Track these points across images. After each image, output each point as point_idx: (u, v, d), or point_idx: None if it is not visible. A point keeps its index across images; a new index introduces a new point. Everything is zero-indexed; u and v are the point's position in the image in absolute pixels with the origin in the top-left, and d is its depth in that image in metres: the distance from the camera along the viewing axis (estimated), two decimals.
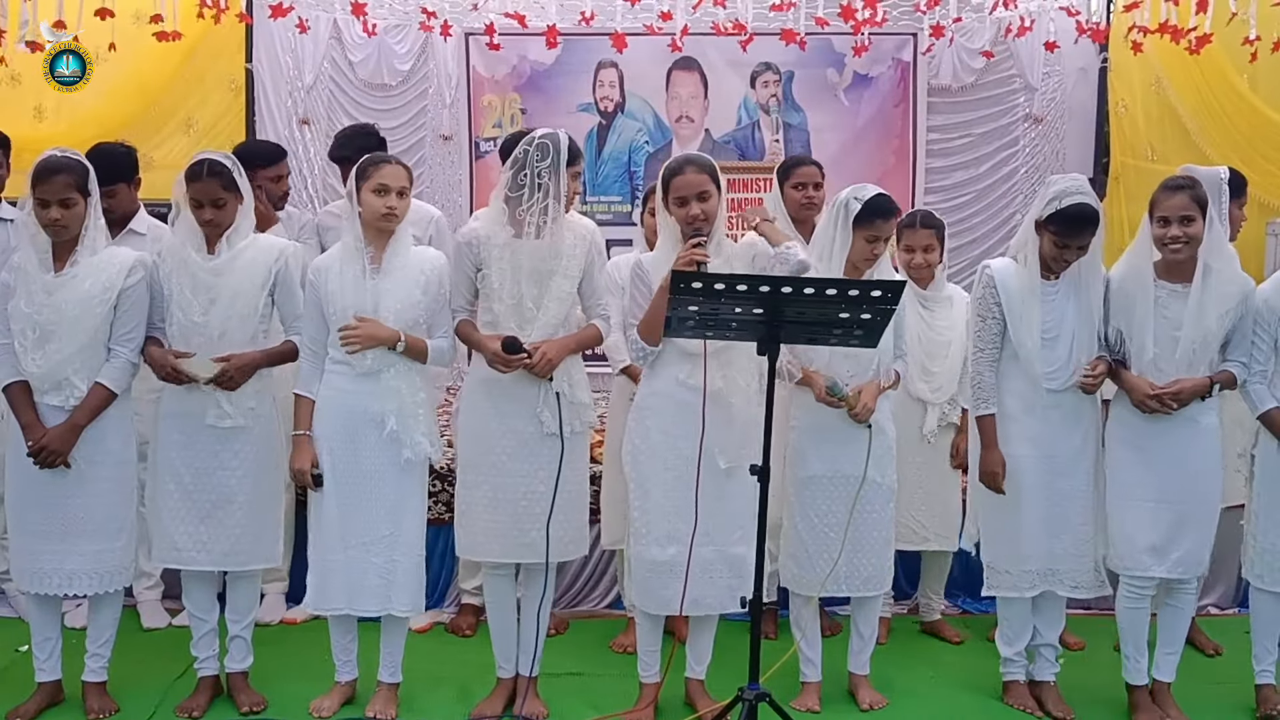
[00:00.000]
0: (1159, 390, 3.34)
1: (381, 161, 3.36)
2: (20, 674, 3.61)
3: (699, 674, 3.48)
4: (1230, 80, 5.92)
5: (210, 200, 3.30)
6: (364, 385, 3.33)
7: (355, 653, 3.52)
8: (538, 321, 3.31)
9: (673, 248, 3.26)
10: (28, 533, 3.33)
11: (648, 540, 3.31)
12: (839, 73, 6.96)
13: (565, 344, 3.33)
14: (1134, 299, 3.40)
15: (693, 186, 3.21)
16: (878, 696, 3.60)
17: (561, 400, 3.30)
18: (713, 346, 3.18)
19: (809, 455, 3.45)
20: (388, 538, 3.35)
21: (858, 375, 3.41)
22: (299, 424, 3.37)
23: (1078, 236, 3.34)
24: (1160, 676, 3.53)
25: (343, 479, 3.35)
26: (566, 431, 3.30)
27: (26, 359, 3.27)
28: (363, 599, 3.37)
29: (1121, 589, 3.51)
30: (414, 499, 3.41)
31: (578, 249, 3.35)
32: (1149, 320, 3.37)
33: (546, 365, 3.26)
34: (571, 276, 3.34)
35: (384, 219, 3.31)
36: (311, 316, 3.38)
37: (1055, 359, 3.41)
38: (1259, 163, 5.87)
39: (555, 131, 3.32)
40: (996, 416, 3.47)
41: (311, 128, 6.69)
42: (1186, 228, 3.30)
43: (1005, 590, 3.52)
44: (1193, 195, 3.32)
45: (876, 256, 3.39)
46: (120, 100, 6.25)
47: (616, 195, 7.04)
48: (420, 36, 6.84)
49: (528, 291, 3.31)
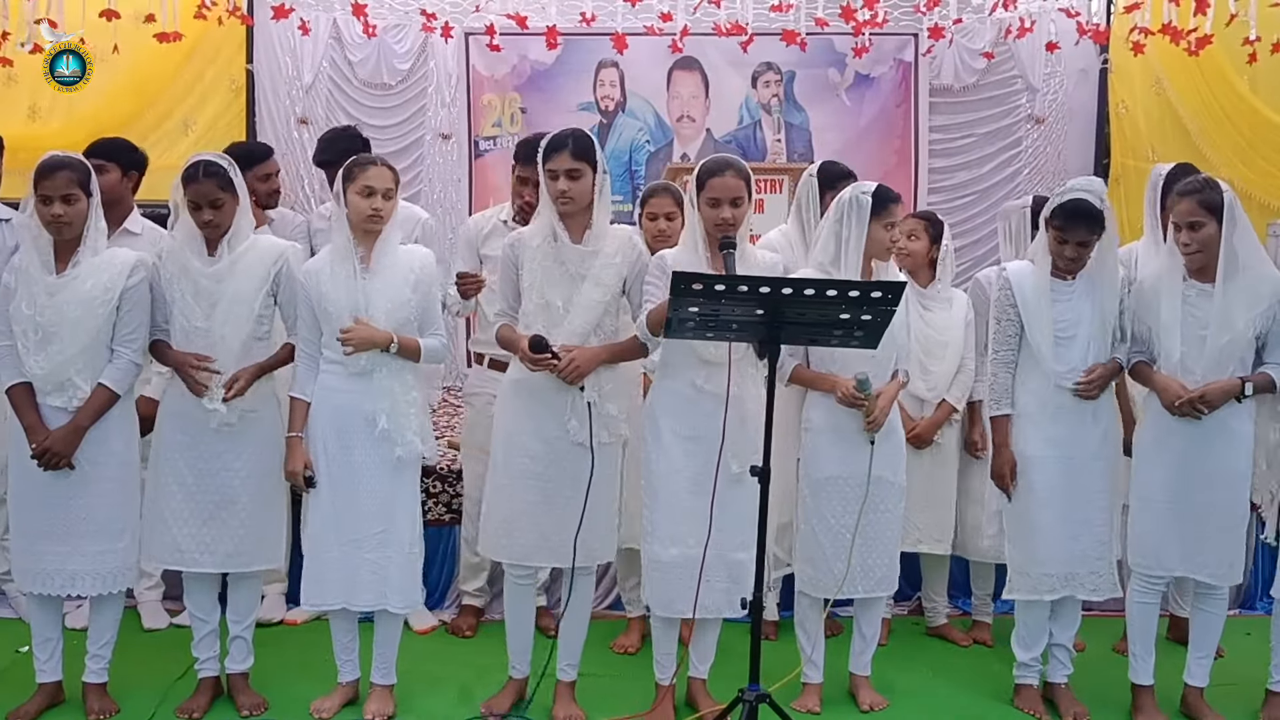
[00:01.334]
0: (1189, 395, 3.32)
1: (367, 163, 3.35)
2: (21, 675, 3.60)
3: (701, 674, 3.49)
4: (1231, 81, 5.91)
5: (208, 201, 3.30)
6: (356, 384, 3.33)
7: (356, 652, 3.52)
8: (564, 326, 3.29)
9: (696, 245, 3.27)
10: (30, 534, 3.33)
11: (653, 539, 3.32)
12: (840, 73, 6.95)
13: (598, 353, 3.30)
14: (1161, 297, 3.39)
15: (729, 190, 3.21)
16: (878, 698, 3.60)
17: (592, 410, 3.29)
18: (735, 354, 3.18)
19: (824, 457, 3.44)
20: (380, 535, 3.35)
21: (878, 377, 3.40)
22: (293, 426, 3.38)
23: (1074, 231, 3.36)
24: (1193, 681, 3.52)
25: (336, 477, 3.35)
26: (595, 442, 3.28)
27: (29, 360, 3.26)
28: (358, 594, 3.37)
29: (1132, 585, 3.51)
30: (407, 497, 3.41)
31: (617, 257, 3.34)
32: (1176, 319, 3.37)
33: (574, 371, 3.24)
34: (605, 284, 3.32)
35: (369, 220, 3.31)
36: (304, 318, 3.38)
37: (1071, 358, 3.43)
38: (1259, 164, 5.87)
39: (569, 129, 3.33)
40: (1016, 417, 3.49)
41: (310, 128, 6.68)
42: (1195, 233, 3.30)
43: (1025, 593, 3.51)
44: (1200, 200, 3.31)
45: (895, 244, 3.48)
46: (117, 100, 6.24)
47: (618, 195, 7.01)
48: (420, 36, 6.83)
49: (559, 294, 3.30)
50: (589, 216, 3.33)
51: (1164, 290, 3.39)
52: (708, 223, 3.25)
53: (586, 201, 3.31)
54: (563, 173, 3.26)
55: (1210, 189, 3.33)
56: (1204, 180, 3.40)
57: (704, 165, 3.29)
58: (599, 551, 3.41)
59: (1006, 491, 3.50)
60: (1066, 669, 3.59)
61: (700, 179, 3.25)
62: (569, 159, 3.26)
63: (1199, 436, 3.37)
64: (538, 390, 3.31)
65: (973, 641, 4.20)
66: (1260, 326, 3.37)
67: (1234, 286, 3.33)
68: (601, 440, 3.31)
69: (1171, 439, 3.40)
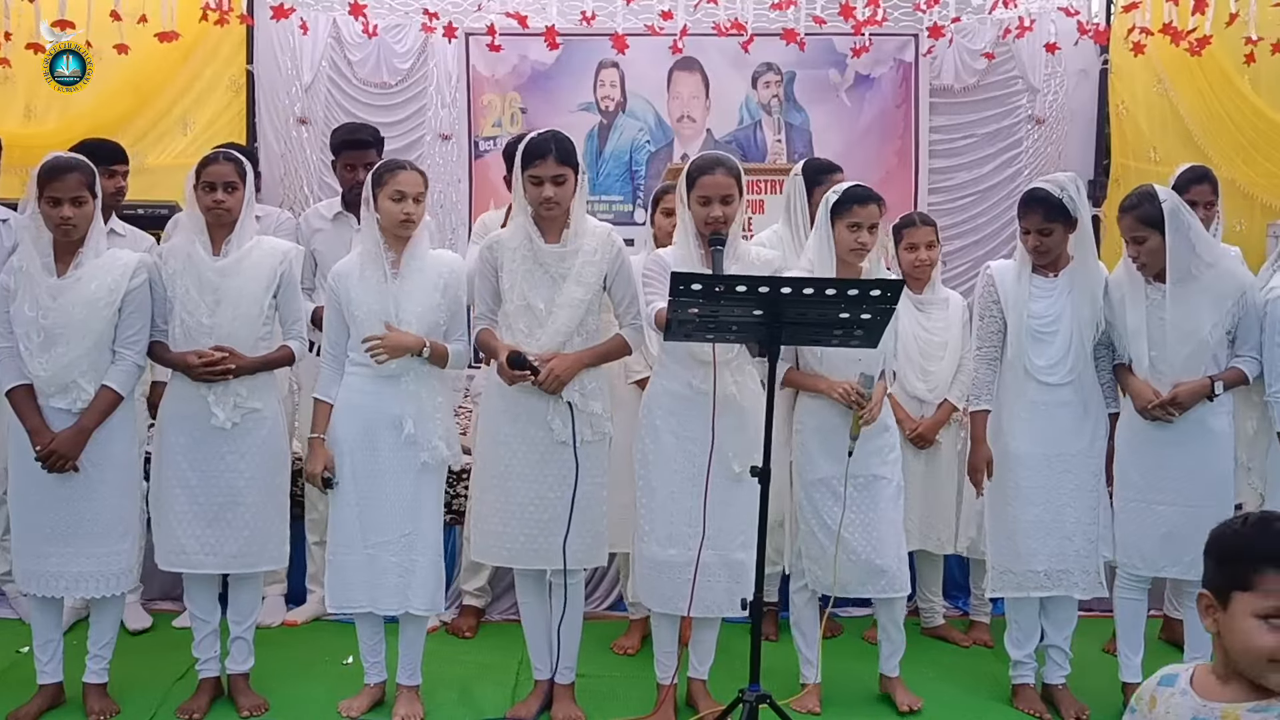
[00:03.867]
0: (1160, 399, 3.35)
1: (397, 168, 3.36)
2: (21, 675, 3.60)
3: (701, 674, 3.48)
4: (1232, 81, 5.92)
5: (223, 183, 3.31)
6: (383, 388, 3.33)
7: (383, 654, 3.51)
8: (548, 327, 3.29)
9: (689, 244, 3.27)
10: (33, 535, 3.33)
11: (650, 539, 3.32)
12: (841, 73, 6.94)
13: (579, 359, 3.28)
14: (1127, 302, 3.43)
15: (719, 188, 3.21)
16: (914, 698, 3.57)
17: (574, 410, 3.28)
18: (721, 354, 3.18)
19: (817, 457, 3.45)
20: (405, 538, 3.34)
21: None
22: (315, 427, 3.38)
23: (1029, 219, 3.41)
24: None
25: (361, 480, 3.35)
26: (579, 441, 3.28)
27: (33, 363, 3.26)
28: (382, 597, 3.36)
29: (1118, 581, 3.52)
30: (431, 501, 3.40)
31: (597, 255, 3.32)
32: (1142, 323, 3.40)
33: (554, 383, 3.23)
34: (587, 283, 3.31)
35: (401, 225, 3.31)
36: (332, 321, 3.38)
37: (1051, 354, 3.43)
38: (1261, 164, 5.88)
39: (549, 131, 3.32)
40: (1001, 415, 3.50)
41: (310, 127, 6.67)
42: (1140, 246, 3.36)
43: (1011, 591, 3.52)
44: (1138, 215, 3.36)
45: (863, 245, 3.36)
46: (114, 100, 6.24)
47: (618, 195, 7.03)
48: (420, 36, 6.82)
49: (540, 296, 3.29)
50: (566, 217, 3.32)
51: (1128, 296, 3.43)
52: (698, 221, 3.25)
53: (570, 204, 3.31)
54: (548, 179, 3.23)
55: (1148, 202, 3.35)
56: (1142, 194, 3.41)
57: (694, 163, 3.29)
58: (589, 555, 3.40)
59: (978, 486, 3.54)
60: (1063, 669, 3.59)
61: (691, 177, 3.25)
62: (554, 164, 3.23)
63: (1175, 438, 3.39)
64: (520, 391, 3.30)
65: (973, 642, 4.20)
66: (1229, 323, 3.39)
67: (1195, 288, 3.36)
68: (585, 439, 3.30)
69: (1149, 440, 3.43)
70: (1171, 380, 3.38)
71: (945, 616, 4.32)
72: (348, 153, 4.28)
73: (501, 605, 4.35)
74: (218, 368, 3.29)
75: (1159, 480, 3.41)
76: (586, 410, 3.31)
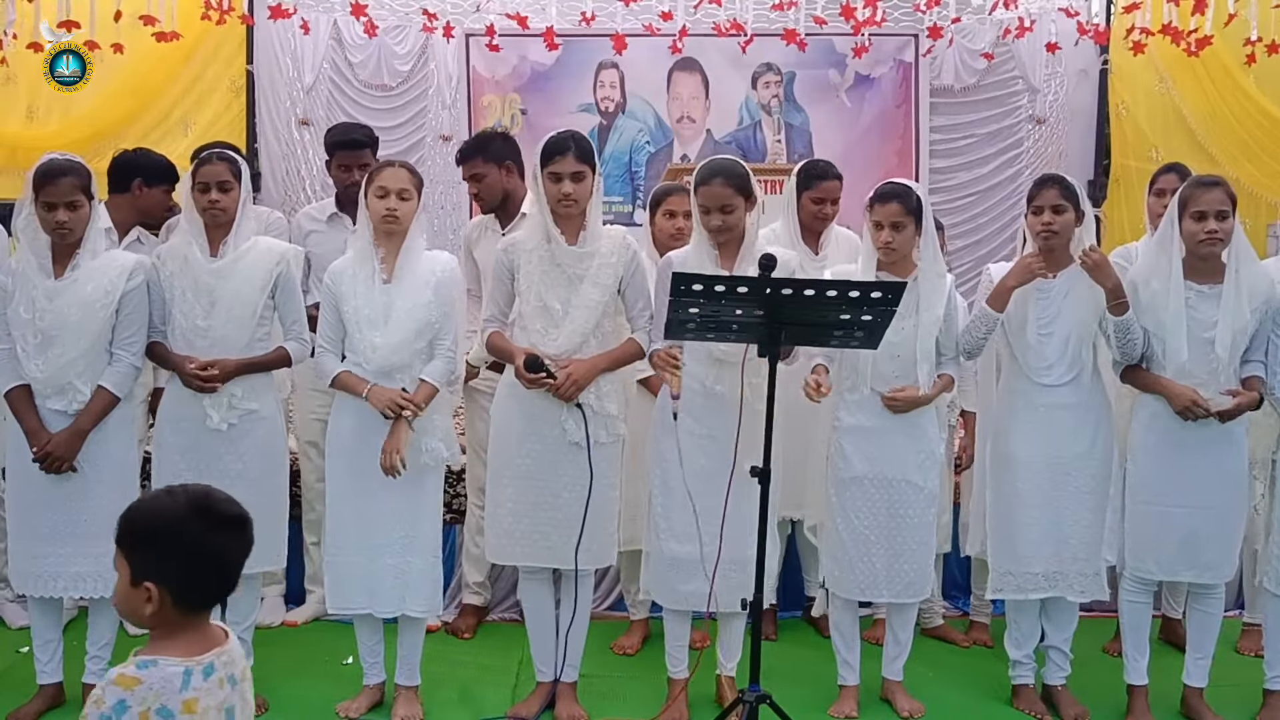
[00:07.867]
0: (1221, 408, 3.29)
1: (384, 165, 3.36)
2: (21, 676, 3.60)
3: (729, 671, 3.47)
4: (1236, 79, 5.92)
5: (216, 182, 3.31)
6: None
7: (382, 655, 3.50)
8: (564, 328, 3.29)
9: (702, 247, 3.30)
10: (31, 536, 3.32)
11: (667, 536, 3.32)
12: (840, 73, 6.96)
13: (595, 364, 3.28)
14: (1162, 300, 3.35)
15: (716, 199, 3.23)
16: (915, 703, 3.56)
17: (586, 411, 3.27)
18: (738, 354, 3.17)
19: (852, 456, 3.42)
20: (403, 540, 3.34)
21: (902, 377, 3.38)
22: (357, 388, 3.26)
23: (1040, 195, 3.37)
24: (1192, 682, 3.50)
25: (358, 481, 3.33)
26: (592, 442, 3.27)
27: (29, 364, 3.26)
28: (381, 599, 3.36)
29: (1124, 585, 3.50)
30: (429, 502, 3.40)
31: (613, 258, 3.32)
32: (1181, 322, 3.32)
33: (572, 388, 3.23)
34: (603, 285, 3.30)
35: (385, 221, 3.30)
36: (328, 318, 3.38)
37: (1050, 355, 3.42)
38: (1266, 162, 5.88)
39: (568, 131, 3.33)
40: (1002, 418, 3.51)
41: (311, 128, 6.68)
42: (1221, 223, 3.29)
43: (1010, 592, 3.50)
44: (1226, 191, 3.32)
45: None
46: (116, 101, 6.25)
47: (618, 195, 7.03)
48: (420, 37, 6.84)
49: (557, 296, 3.29)
50: (584, 218, 3.32)
51: (1165, 292, 3.35)
52: (704, 228, 3.27)
53: (587, 203, 3.31)
54: (568, 175, 3.25)
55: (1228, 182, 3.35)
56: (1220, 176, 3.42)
57: (697, 172, 3.31)
58: (600, 555, 3.40)
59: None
60: (1064, 670, 3.57)
61: (695, 186, 3.29)
62: (574, 161, 3.25)
63: (1196, 441, 3.35)
64: (533, 393, 3.29)
65: (973, 643, 4.19)
66: (1254, 324, 3.36)
67: (1240, 285, 3.31)
68: (599, 440, 3.30)
69: (1169, 445, 3.38)
70: (1200, 382, 3.31)
71: (945, 617, 4.31)
72: (342, 153, 4.27)
73: (502, 605, 4.34)
74: (206, 380, 3.30)
75: (1178, 484, 3.37)
76: (602, 412, 3.31)
